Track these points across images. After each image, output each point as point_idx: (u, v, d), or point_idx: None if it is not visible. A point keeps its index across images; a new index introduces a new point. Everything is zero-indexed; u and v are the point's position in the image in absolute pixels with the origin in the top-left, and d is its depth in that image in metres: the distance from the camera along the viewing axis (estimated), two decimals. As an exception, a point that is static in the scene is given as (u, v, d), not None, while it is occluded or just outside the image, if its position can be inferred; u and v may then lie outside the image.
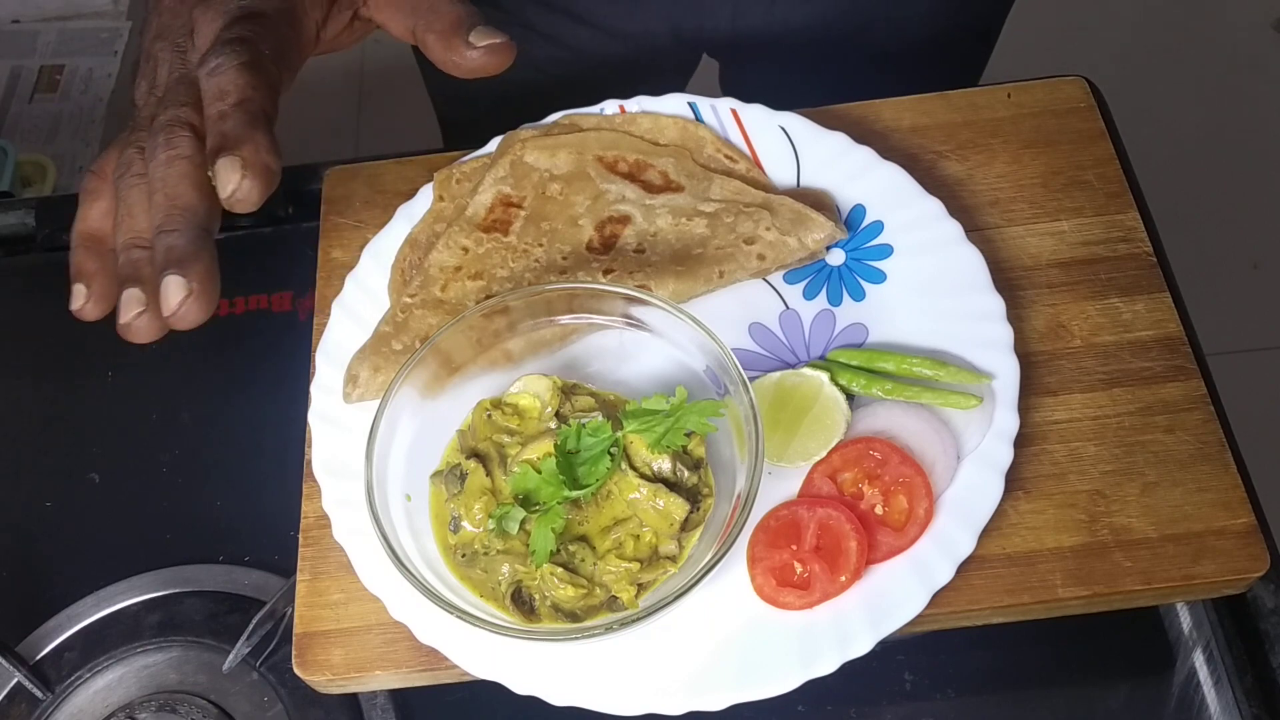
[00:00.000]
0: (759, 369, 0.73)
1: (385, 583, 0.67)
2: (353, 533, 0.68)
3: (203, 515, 0.81)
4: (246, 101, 0.58)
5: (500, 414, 0.69)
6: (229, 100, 0.58)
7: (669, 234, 0.77)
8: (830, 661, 0.63)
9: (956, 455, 0.68)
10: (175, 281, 0.57)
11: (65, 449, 0.85)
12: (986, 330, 0.71)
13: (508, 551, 0.66)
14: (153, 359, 0.87)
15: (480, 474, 0.67)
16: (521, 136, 0.81)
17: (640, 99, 0.82)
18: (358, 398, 0.73)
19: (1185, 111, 2.14)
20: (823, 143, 0.79)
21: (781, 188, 0.79)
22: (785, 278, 0.77)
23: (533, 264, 0.77)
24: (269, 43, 0.61)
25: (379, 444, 0.66)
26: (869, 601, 0.64)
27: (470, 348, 0.71)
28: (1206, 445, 0.70)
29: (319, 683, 0.68)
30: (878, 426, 0.69)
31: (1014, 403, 0.69)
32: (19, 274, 0.93)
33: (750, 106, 0.81)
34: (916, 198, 0.77)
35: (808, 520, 0.66)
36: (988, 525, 0.66)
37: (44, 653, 0.76)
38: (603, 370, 0.73)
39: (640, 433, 0.66)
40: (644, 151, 0.80)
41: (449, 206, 0.80)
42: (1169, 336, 0.74)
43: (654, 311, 0.70)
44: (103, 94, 2.34)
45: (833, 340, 0.74)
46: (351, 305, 0.77)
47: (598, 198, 0.78)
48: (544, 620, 0.65)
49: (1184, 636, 0.73)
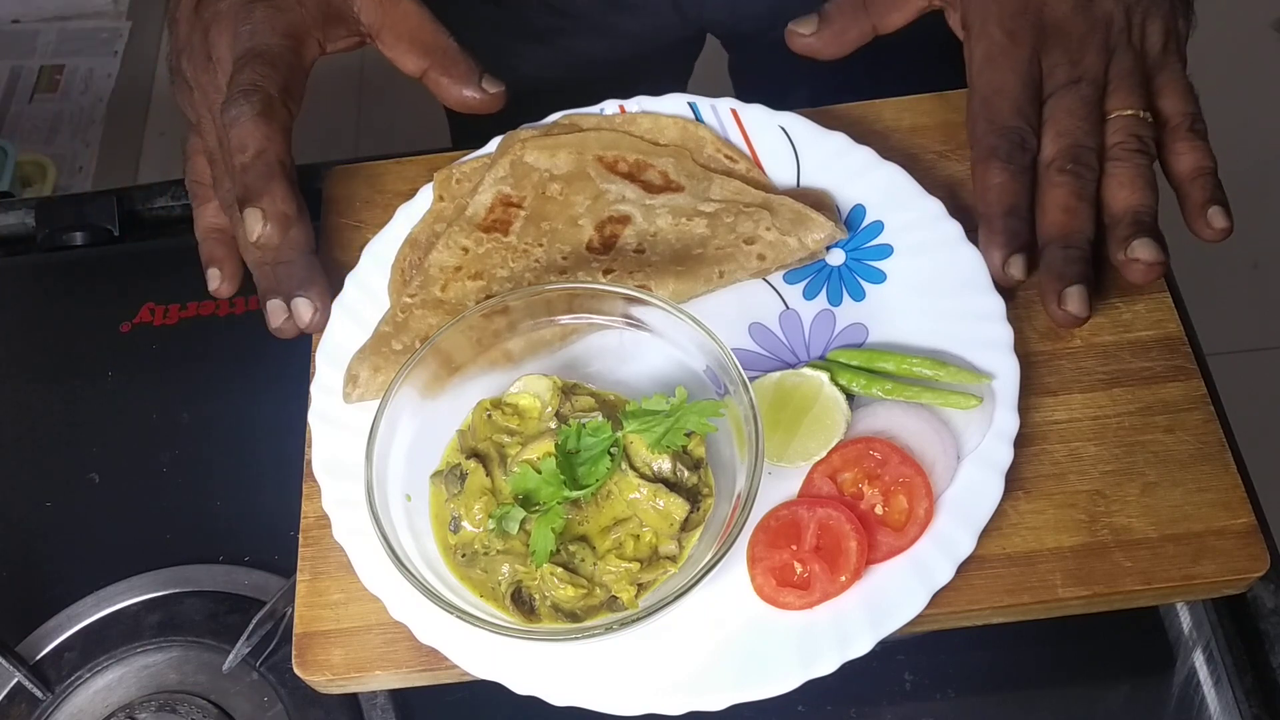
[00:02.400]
0: (759, 369, 0.73)
1: (385, 583, 0.67)
2: (353, 533, 0.68)
3: (203, 515, 0.81)
4: (264, 153, 0.68)
5: (500, 414, 0.69)
6: (249, 153, 0.68)
7: (669, 234, 0.77)
8: (830, 662, 0.63)
9: (956, 455, 0.68)
10: (304, 303, 0.73)
11: (65, 449, 0.85)
12: (987, 330, 0.71)
13: (508, 551, 0.66)
14: (153, 359, 0.88)
15: (480, 474, 0.67)
16: (521, 136, 0.81)
17: (640, 99, 0.82)
18: (358, 398, 0.73)
19: (1185, 111, 2.14)
20: (823, 143, 0.79)
21: (781, 188, 0.79)
22: (785, 278, 0.77)
23: (533, 264, 0.77)
24: (277, 84, 0.70)
25: (379, 444, 0.66)
26: (869, 601, 0.64)
27: (470, 348, 0.71)
28: (1206, 445, 0.70)
29: (319, 683, 0.68)
30: (878, 426, 0.69)
31: (1014, 403, 0.69)
32: (19, 274, 0.93)
33: (750, 107, 0.81)
34: (916, 198, 0.77)
35: (808, 520, 0.66)
36: (988, 525, 0.66)
37: (44, 653, 0.76)
38: (603, 370, 0.73)
39: (640, 433, 0.66)
40: (644, 151, 0.80)
41: (449, 206, 0.80)
42: (1169, 336, 0.74)
43: (654, 311, 0.70)
44: (102, 94, 2.34)
45: (833, 340, 0.74)
46: (351, 305, 0.77)
47: (598, 198, 0.78)
48: (544, 620, 0.65)
49: (1184, 636, 0.73)
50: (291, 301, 0.73)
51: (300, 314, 0.73)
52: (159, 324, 0.89)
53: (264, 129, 0.68)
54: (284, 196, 0.68)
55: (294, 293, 0.73)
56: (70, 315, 0.91)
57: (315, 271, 0.73)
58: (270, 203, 0.67)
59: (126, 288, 0.91)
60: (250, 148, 0.68)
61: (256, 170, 0.67)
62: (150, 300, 0.90)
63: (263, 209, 0.67)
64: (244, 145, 0.67)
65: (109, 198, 0.94)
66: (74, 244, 0.93)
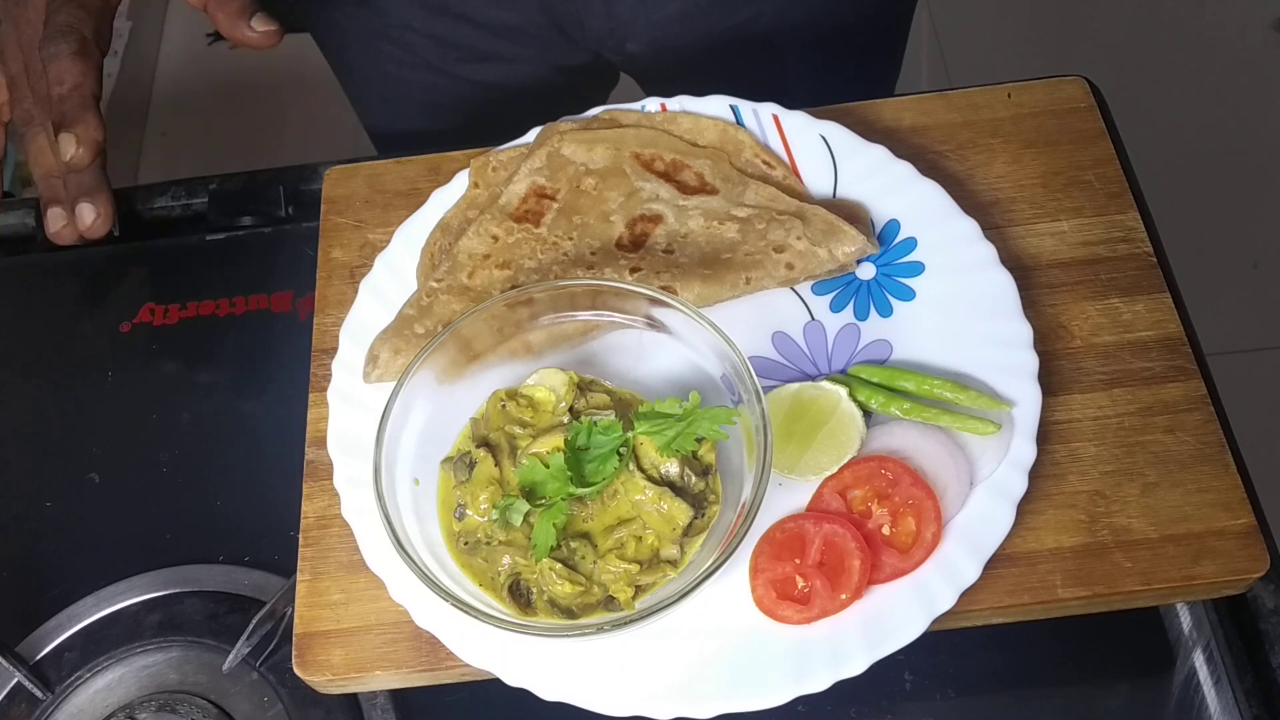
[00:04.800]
0: (778, 378, 0.72)
1: (388, 564, 0.67)
2: (360, 512, 0.69)
3: (203, 515, 0.81)
4: (79, 87, 0.78)
5: (514, 405, 0.69)
6: (65, 85, 0.78)
7: (699, 236, 0.77)
8: (822, 680, 0.63)
9: (970, 481, 0.67)
10: (88, 208, 0.82)
11: (65, 449, 0.85)
12: (1012, 357, 0.71)
13: (510, 543, 0.66)
14: (153, 359, 0.87)
15: (489, 463, 0.67)
16: (560, 128, 0.81)
17: (681, 98, 0.82)
18: (377, 378, 0.73)
19: (1185, 111, 2.14)
20: (863, 155, 0.79)
21: (817, 197, 0.79)
22: (814, 289, 0.76)
23: (561, 257, 0.77)
24: (90, 26, 0.79)
25: (390, 426, 0.67)
26: (867, 622, 0.64)
27: (491, 336, 0.71)
28: (1206, 446, 0.70)
29: (319, 683, 0.68)
30: (892, 446, 0.69)
31: (1033, 433, 0.68)
32: (19, 274, 0.93)
33: (792, 113, 0.81)
34: (952, 217, 0.76)
35: (813, 535, 0.66)
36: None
37: (44, 653, 0.76)
38: (620, 368, 0.73)
39: (651, 434, 0.66)
40: (682, 151, 0.79)
41: (483, 194, 0.80)
42: (1169, 337, 0.74)
43: (675, 314, 0.70)
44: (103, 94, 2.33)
45: (855, 355, 0.73)
46: (379, 286, 0.77)
47: (631, 195, 0.78)
48: (540, 614, 0.65)
49: (1184, 636, 0.73)
50: (77, 207, 0.81)
51: (83, 218, 0.80)
52: (159, 324, 0.89)
53: (80, 66, 0.76)
54: (96, 125, 0.78)
55: (79, 199, 0.81)
56: (70, 315, 0.91)
57: (102, 182, 0.82)
58: (84, 130, 0.77)
59: (126, 288, 0.91)
60: (67, 82, 0.76)
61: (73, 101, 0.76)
62: (150, 300, 0.90)
63: (77, 134, 0.77)
64: (61, 79, 0.76)
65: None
66: (74, 244, 0.93)
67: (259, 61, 2.05)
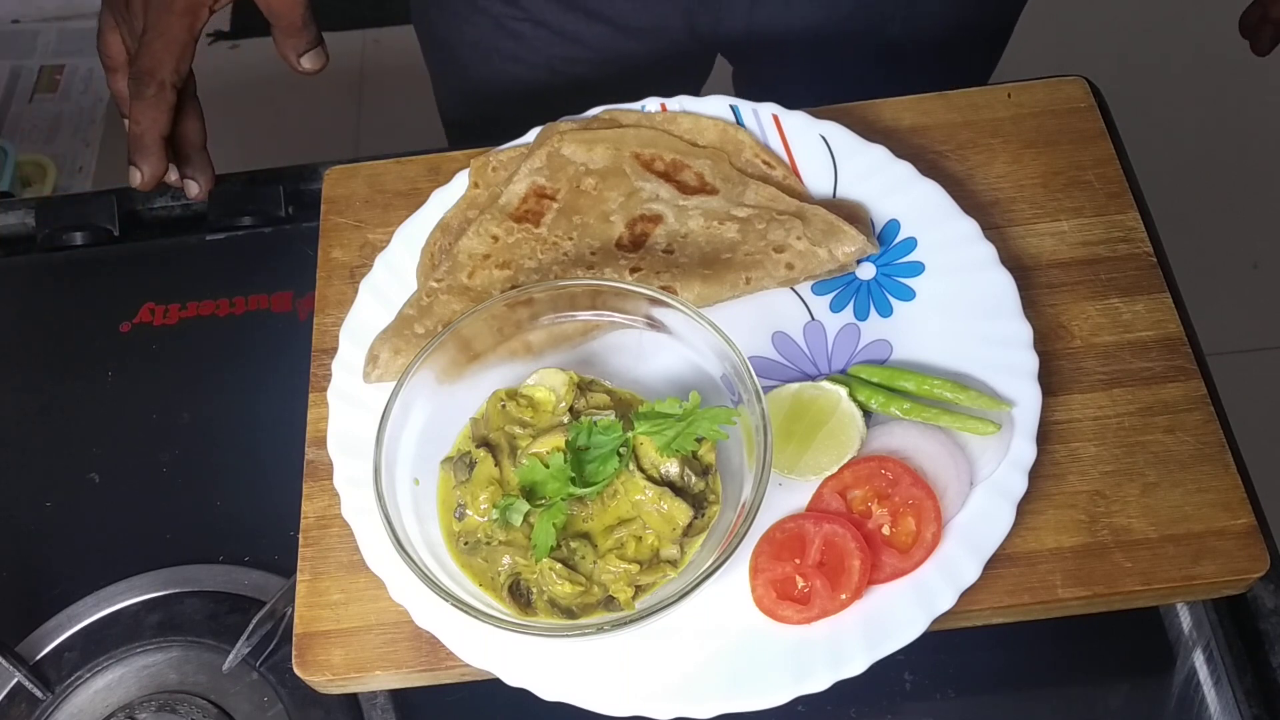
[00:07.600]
0: (778, 378, 0.72)
1: (388, 564, 0.67)
2: (360, 512, 0.69)
3: (203, 515, 0.81)
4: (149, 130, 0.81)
5: (515, 405, 0.69)
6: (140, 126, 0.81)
7: (699, 236, 0.77)
8: (822, 680, 0.63)
9: (970, 481, 0.67)
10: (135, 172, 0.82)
11: (65, 449, 0.85)
12: (1012, 357, 0.71)
13: (509, 543, 0.66)
14: (153, 359, 0.87)
15: (489, 463, 0.67)
16: (560, 128, 0.81)
17: (681, 98, 0.82)
18: (377, 378, 0.73)
19: (1185, 111, 2.14)
20: (862, 155, 0.79)
21: (817, 197, 0.79)
22: (814, 289, 0.76)
23: (561, 257, 0.77)
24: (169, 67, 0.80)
25: (390, 426, 0.67)
26: (867, 622, 0.64)
27: (491, 336, 0.71)
28: (1206, 446, 0.70)
29: (319, 683, 0.68)
30: (893, 446, 0.69)
31: (1033, 433, 0.68)
32: (19, 274, 0.93)
33: (792, 113, 0.81)
34: (952, 217, 0.76)
35: (813, 535, 0.66)
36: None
37: (44, 653, 0.76)
38: (620, 368, 0.73)
39: (651, 434, 0.66)
40: (682, 151, 0.79)
41: (483, 193, 0.80)
42: (1169, 337, 0.74)
43: (676, 315, 0.70)
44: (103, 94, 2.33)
45: (855, 355, 0.73)
46: (379, 286, 0.77)
47: (631, 195, 0.78)
48: (539, 614, 0.65)
49: (1184, 636, 0.73)
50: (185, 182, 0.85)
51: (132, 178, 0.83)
52: (159, 324, 0.89)
53: (151, 113, 0.80)
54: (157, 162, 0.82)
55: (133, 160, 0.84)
56: (70, 315, 0.91)
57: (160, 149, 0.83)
58: (148, 168, 0.81)
59: (126, 288, 0.91)
60: (142, 123, 0.80)
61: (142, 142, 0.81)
62: (150, 300, 0.90)
63: (141, 171, 0.81)
64: (137, 120, 0.80)
65: (109, 198, 0.94)
66: (74, 244, 0.93)
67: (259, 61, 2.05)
